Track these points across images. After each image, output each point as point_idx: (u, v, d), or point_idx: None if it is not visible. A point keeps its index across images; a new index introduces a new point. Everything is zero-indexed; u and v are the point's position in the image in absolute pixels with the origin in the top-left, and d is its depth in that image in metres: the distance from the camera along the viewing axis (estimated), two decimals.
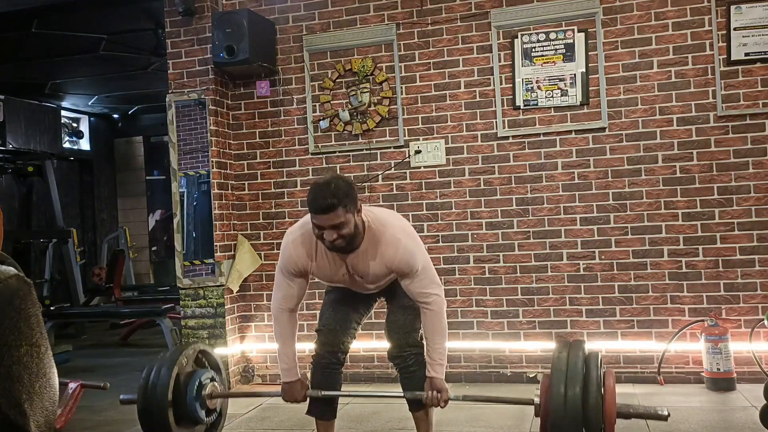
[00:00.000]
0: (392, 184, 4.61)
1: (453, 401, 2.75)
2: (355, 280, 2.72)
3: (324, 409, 2.89)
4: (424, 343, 2.78)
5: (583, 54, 4.32)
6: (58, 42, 6.43)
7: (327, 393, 2.82)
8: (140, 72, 7.48)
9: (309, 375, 2.92)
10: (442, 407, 2.70)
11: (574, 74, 4.34)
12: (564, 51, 4.36)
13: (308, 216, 2.58)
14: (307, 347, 3.66)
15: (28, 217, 8.37)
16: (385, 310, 2.99)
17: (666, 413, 2.53)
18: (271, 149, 4.85)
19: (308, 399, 2.89)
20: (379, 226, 2.63)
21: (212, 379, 2.86)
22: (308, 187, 4.36)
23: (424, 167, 4.56)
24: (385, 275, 2.68)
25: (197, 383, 2.78)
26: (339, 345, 2.83)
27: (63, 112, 9.21)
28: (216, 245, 4.66)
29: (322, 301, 3.04)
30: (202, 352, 2.95)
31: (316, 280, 2.86)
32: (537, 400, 2.52)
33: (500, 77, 4.44)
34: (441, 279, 4.38)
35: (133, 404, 2.84)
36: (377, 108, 4.62)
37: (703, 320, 4.09)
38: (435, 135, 4.54)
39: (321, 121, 4.72)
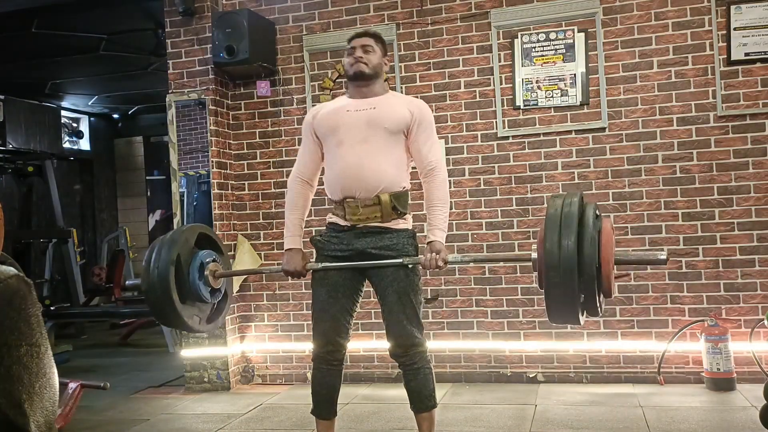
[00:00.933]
0: None
1: (452, 263, 2.80)
2: (360, 124, 2.75)
3: (325, 408, 2.89)
4: (421, 339, 2.77)
5: (583, 54, 4.33)
6: (58, 42, 6.42)
7: (327, 265, 2.78)
8: (140, 72, 7.48)
9: (309, 375, 2.92)
10: (441, 267, 2.70)
11: (574, 74, 4.34)
12: (564, 51, 4.36)
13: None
14: (307, 347, 3.67)
15: (28, 217, 8.36)
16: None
17: (664, 257, 2.46)
18: (271, 149, 4.85)
19: (311, 384, 2.87)
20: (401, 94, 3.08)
21: (214, 260, 2.84)
22: None
23: None
24: (401, 118, 2.75)
25: (199, 263, 2.77)
26: (335, 344, 2.82)
27: (63, 112, 9.20)
28: None
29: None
30: (202, 234, 2.93)
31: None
32: (534, 255, 2.48)
33: (500, 77, 4.44)
34: (441, 279, 4.42)
35: (137, 289, 2.85)
36: None
37: (703, 320, 4.09)
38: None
39: None
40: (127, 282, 2.57)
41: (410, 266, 2.72)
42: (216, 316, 2.95)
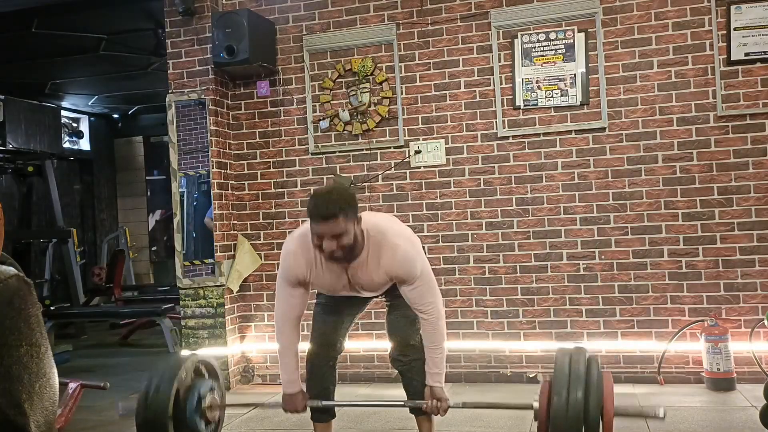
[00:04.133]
0: (392, 184, 4.61)
1: (453, 408, 2.74)
2: (356, 289, 2.71)
3: (323, 410, 2.89)
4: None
5: (583, 54, 4.32)
6: (58, 42, 6.42)
7: (326, 403, 2.83)
8: (140, 72, 7.48)
9: (304, 372, 2.91)
10: (442, 416, 2.70)
11: (574, 74, 4.34)
12: (564, 51, 4.36)
13: (307, 224, 2.54)
14: (307, 347, 3.67)
15: (28, 217, 8.36)
16: (385, 309, 2.98)
17: (662, 414, 2.56)
18: (271, 149, 4.85)
19: (306, 387, 2.88)
20: (378, 233, 2.60)
21: (212, 390, 2.84)
22: (308, 188, 4.35)
23: (424, 167, 4.55)
24: (385, 283, 2.66)
25: (197, 396, 2.75)
26: (333, 345, 2.82)
27: (63, 112, 9.19)
28: (216, 245, 4.66)
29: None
30: (201, 362, 2.93)
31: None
32: (536, 405, 2.55)
33: (500, 77, 4.44)
34: (441, 279, 4.42)
35: (131, 416, 2.82)
36: (377, 108, 4.62)
37: (703, 320, 4.09)
38: (435, 135, 4.54)
39: (321, 121, 4.72)
40: (120, 411, 2.53)
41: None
42: None
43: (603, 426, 2.44)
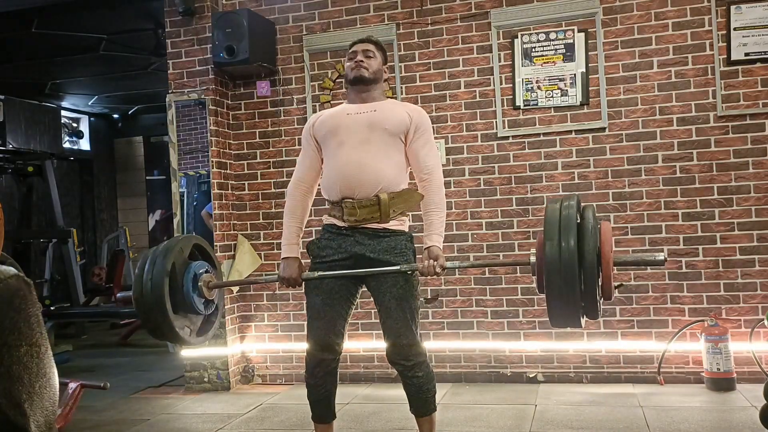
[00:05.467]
0: None
1: (450, 269, 2.79)
2: (366, 122, 2.76)
3: (324, 413, 2.87)
4: (424, 351, 2.77)
5: (583, 54, 4.33)
6: (58, 42, 6.42)
7: (323, 274, 2.74)
8: (140, 72, 7.48)
9: (304, 376, 2.90)
10: (439, 274, 2.70)
11: (574, 74, 4.34)
12: (564, 51, 4.36)
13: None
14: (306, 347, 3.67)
15: (28, 217, 8.36)
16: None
17: (662, 258, 2.47)
18: (271, 149, 4.85)
19: (307, 390, 2.85)
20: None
21: (207, 271, 2.83)
22: None
23: None
24: (401, 119, 2.77)
25: (192, 274, 2.75)
26: (330, 349, 2.78)
27: (63, 112, 9.19)
28: (216, 245, 4.66)
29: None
30: (197, 246, 2.91)
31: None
32: (533, 259, 2.48)
33: (500, 77, 4.44)
34: (441, 279, 4.42)
35: (129, 301, 2.83)
36: None
37: (703, 320, 4.09)
38: (435, 135, 4.51)
39: None
40: (118, 294, 2.54)
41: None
42: (206, 329, 2.91)
43: (601, 273, 2.32)
